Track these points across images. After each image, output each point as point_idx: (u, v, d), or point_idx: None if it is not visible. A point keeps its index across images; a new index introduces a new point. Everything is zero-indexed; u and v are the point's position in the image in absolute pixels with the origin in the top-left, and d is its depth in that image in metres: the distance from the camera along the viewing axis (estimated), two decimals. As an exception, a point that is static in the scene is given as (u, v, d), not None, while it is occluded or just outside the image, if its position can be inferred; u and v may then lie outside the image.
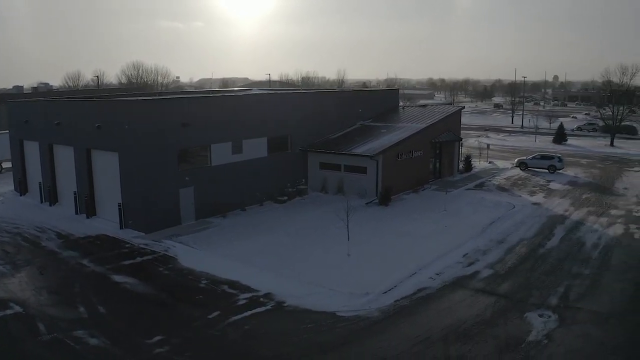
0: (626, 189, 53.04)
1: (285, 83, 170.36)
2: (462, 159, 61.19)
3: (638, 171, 64.06)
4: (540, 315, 23.99)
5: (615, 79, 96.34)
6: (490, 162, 66.74)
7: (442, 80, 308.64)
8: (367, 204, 43.61)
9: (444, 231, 36.64)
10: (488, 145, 73.25)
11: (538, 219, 40.51)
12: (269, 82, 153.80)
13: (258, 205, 43.22)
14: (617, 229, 38.16)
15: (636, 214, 42.46)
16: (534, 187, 53.05)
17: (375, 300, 25.60)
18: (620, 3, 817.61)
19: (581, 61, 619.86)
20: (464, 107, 76.00)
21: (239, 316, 23.75)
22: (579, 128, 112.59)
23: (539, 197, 48.12)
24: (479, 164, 64.15)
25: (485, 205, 44.23)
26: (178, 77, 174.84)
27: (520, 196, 48.41)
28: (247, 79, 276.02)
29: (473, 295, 26.49)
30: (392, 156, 46.71)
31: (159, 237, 34.70)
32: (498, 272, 29.59)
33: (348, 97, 59.38)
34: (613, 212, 43.24)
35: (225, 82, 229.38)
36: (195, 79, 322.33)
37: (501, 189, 51.87)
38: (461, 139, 61.12)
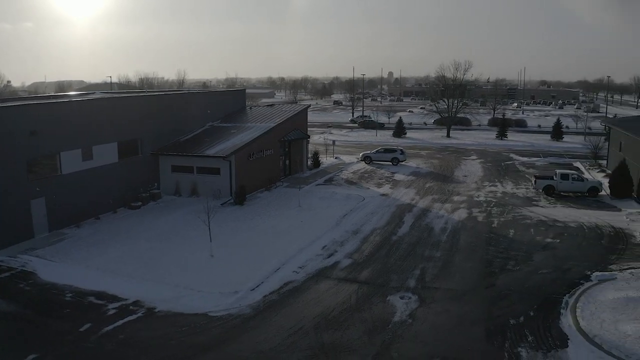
0: (465, 176, 57.77)
1: (124, 85, 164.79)
2: (310, 155, 63.25)
3: (475, 159, 69.84)
4: (402, 297, 26.03)
5: (449, 74, 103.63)
6: (336, 158, 69.49)
7: (282, 79, 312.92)
8: (222, 204, 43.97)
9: (301, 226, 38.08)
10: (333, 141, 76.01)
11: (387, 209, 43.18)
12: (110, 85, 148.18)
13: (112, 212, 42.05)
14: (462, 214, 41.71)
15: (477, 199, 46.59)
16: (380, 179, 56.16)
17: (245, 298, 26.37)
18: (452, 4, 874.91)
19: (414, 58, 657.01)
20: (310, 105, 78.20)
21: (112, 326, 23.43)
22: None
23: (386, 189, 51.13)
24: (326, 160, 66.64)
25: (337, 199, 46.32)
26: (9, 82, 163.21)
27: (368, 188, 51.14)
28: (82, 81, 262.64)
29: (337, 284, 28.07)
30: (244, 156, 47.43)
31: (14, 252, 32.74)
32: (357, 260, 31.48)
33: (196, 98, 59.14)
34: (456, 198, 47.09)
35: (60, 85, 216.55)
36: (28, 83, 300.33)
37: (350, 182, 54.42)
38: (308, 137, 63.12)
